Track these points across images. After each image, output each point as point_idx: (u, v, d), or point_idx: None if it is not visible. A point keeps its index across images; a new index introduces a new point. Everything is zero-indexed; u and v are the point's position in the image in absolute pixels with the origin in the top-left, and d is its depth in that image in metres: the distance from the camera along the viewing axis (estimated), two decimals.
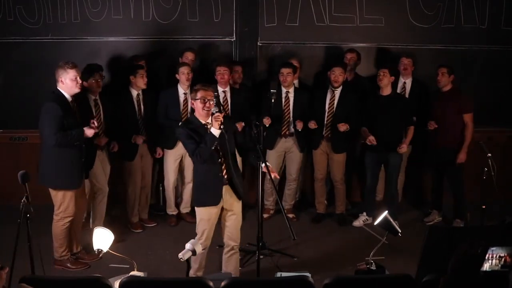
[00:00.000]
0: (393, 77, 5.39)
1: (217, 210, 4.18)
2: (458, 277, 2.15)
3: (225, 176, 4.12)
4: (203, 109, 4.05)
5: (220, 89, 5.51)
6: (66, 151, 4.42)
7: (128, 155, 5.40)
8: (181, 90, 5.47)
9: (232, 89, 5.62)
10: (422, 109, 5.63)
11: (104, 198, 5.22)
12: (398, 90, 5.77)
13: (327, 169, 5.79)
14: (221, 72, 5.50)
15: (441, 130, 5.50)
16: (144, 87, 5.34)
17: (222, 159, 4.09)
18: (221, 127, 3.94)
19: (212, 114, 4.01)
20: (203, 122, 4.09)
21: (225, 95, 5.56)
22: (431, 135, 5.58)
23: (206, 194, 4.14)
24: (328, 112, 5.55)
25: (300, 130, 5.54)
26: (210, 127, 4.00)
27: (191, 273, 4.15)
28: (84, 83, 4.78)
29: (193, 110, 4.25)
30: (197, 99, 4.05)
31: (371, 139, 5.37)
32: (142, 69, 5.35)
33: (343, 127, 5.39)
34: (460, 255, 2.19)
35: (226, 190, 4.16)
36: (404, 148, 5.42)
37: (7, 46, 5.87)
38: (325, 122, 5.57)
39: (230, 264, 4.36)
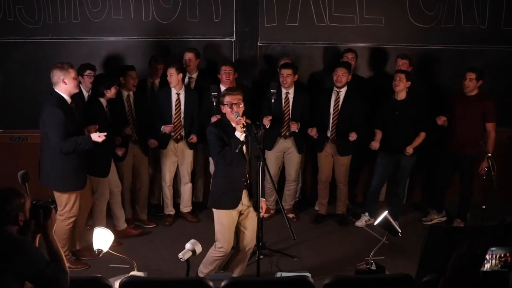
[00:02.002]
0: (409, 82, 5.28)
1: (237, 213, 4.16)
2: (458, 277, 2.14)
3: (248, 181, 4.13)
4: (231, 113, 4.03)
5: (223, 88, 5.49)
6: (70, 155, 4.39)
7: (118, 156, 5.25)
8: (174, 91, 5.43)
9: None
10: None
11: (104, 202, 5.15)
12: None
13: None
14: (227, 72, 5.48)
15: (461, 135, 5.39)
16: (133, 89, 5.29)
17: (247, 163, 4.10)
18: (244, 130, 3.92)
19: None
20: (234, 125, 4.08)
21: None
22: (453, 137, 5.46)
23: (227, 197, 4.12)
24: (333, 114, 5.50)
25: (297, 131, 5.52)
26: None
27: (204, 272, 4.19)
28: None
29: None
30: (225, 104, 4.04)
31: (375, 145, 5.34)
32: (132, 70, 5.30)
33: (353, 136, 5.34)
34: (460, 255, 2.19)
35: (244, 195, 4.15)
36: (410, 150, 5.32)
37: (7, 46, 5.87)
38: (331, 123, 5.52)
39: (242, 264, 4.37)
